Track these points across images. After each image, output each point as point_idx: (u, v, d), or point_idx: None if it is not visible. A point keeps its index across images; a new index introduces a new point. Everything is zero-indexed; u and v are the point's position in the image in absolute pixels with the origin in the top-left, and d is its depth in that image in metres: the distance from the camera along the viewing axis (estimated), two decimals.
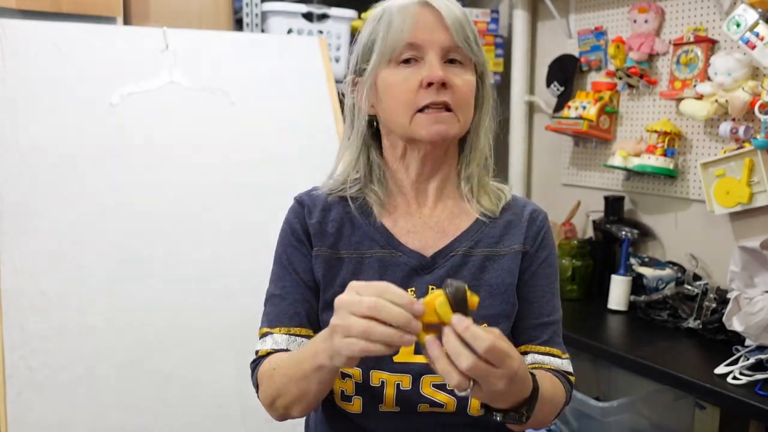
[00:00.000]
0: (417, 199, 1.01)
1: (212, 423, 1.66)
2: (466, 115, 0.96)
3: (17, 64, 1.72)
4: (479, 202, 1.01)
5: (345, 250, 0.98)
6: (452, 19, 0.92)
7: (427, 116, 0.92)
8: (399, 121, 0.94)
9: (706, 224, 2.11)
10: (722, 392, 1.53)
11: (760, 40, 1.77)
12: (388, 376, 0.93)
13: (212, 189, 1.82)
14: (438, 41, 0.92)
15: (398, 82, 0.93)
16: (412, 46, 0.93)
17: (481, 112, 1.00)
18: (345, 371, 0.94)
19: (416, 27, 0.92)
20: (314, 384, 0.84)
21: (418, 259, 0.97)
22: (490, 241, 1.00)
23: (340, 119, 2.04)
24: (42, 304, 1.58)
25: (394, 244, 0.98)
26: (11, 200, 1.62)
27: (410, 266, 0.97)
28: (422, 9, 0.93)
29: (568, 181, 2.58)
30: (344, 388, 0.96)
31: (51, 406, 1.52)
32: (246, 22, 2.33)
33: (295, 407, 0.89)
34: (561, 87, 2.49)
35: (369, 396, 0.95)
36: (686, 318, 1.92)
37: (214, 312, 1.72)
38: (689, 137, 2.13)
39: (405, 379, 0.93)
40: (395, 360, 0.93)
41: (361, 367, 0.93)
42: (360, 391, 0.95)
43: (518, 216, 1.03)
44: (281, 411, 0.91)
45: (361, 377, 0.94)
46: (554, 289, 1.04)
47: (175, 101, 1.86)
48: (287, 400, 0.89)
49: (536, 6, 2.64)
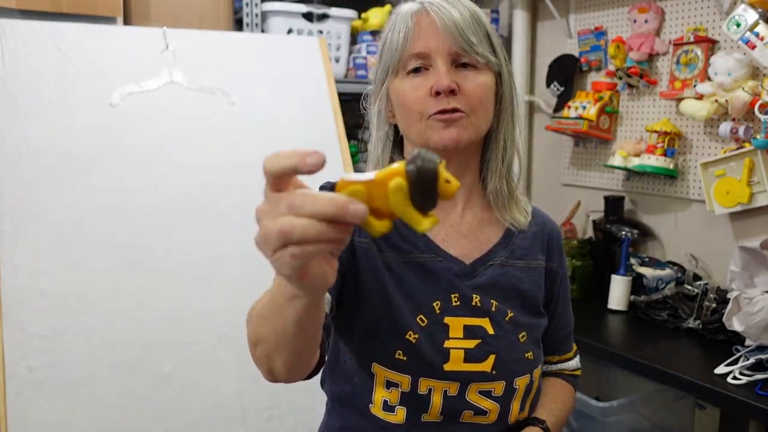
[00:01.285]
0: (442, 206, 0.98)
1: (212, 423, 1.66)
2: (481, 119, 0.93)
3: (17, 64, 1.72)
4: (509, 212, 1.01)
5: (387, 251, 0.96)
6: (451, 24, 0.90)
7: (439, 122, 0.91)
8: (413, 130, 0.94)
9: (706, 224, 2.11)
10: (722, 392, 1.53)
11: (760, 40, 1.77)
12: (436, 383, 0.92)
13: (212, 189, 1.82)
14: (442, 48, 0.90)
15: (407, 92, 0.92)
16: (417, 55, 0.91)
17: (500, 113, 0.97)
18: (392, 380, 0.91)
19: (418, 36, 0.91)
20: (291, 323, 0.68)
21: (459, 265, 0.96)
22: (522, 252, 1.01)
23: (340, 119, 2.04)
24: (42, 304, 1.58)
25: (434, 249, 0.96)
26: (11, 200, 1.62)
27: (452, 272, 0.95)
28: (420, 17, 0.92)
29: (568, 181, 2.58)
30: (388, 397, 0.93)
31: (51, 406, 1.52)
32: (246, 22, 2.33)
33: (276, 359, 0.76)
34: (561, 87, 2.49)
35: (414, 405, 0.93)
36: (686, 318, 1.92)
37: (214, 312, 1.72)
38: (689, 137, 2.13)
39: (453, 387, 0.92)
40: (446, 368, 0.92)
41: (410, 374, 0.91)
42: (405, 400, 0.93)
43: (540, 228, 1.05)
44: (264, 362, 0.79)
45: (409, 386, 0.92)
46: (569, 299, 1.10)
47: (175, 101, 1.86)
48: (265, 348, 0.77)
49: (536, 6, 2.64)
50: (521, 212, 1.02)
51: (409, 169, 0.50)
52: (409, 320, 0.92)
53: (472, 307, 0.94)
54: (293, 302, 0.65)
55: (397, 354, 0.91)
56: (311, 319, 0.69)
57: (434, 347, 0.92)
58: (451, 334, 0.93)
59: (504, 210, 1.00)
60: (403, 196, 0.50)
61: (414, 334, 0.92)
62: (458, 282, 0.95)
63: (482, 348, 0.93)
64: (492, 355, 0.93)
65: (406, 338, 0.91)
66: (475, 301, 0.95)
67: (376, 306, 0.93)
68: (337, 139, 2.01)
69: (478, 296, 0.95)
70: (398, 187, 0.50)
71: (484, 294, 0.95)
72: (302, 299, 0.64)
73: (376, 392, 0.93)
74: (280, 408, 1.69)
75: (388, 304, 0.93)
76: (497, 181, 0.98)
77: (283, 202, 0.53)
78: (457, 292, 0.95)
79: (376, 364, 0.92)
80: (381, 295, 0.93)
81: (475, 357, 0.93)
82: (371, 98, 1.01)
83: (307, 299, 0.64)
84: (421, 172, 0.50)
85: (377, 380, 0.93)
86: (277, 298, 0.69)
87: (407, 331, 0.91)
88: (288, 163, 0.52)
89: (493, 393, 0.93)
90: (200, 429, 1.65)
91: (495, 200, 1.00)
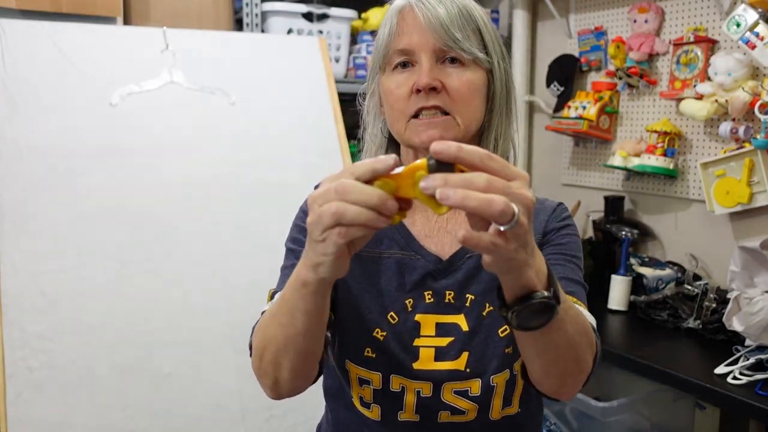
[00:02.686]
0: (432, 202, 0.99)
1: (212, 423, 1.66)
2: (467, 117, 0.90)
3: (17, 64, 1.72)
4: None
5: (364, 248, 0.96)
6: (435, 20, 0.88)
7: (420, 122, 0.89)
8: (396, 128, 0.93)
9: (706, 224, 2.11)
10: (722, 392, 1.53)
11: (760, 40, 1.77)
12: (408, 382, 0.91)
13: (212, 189, 1.82)
14: (426, 44, 0.89)
15: (392, 89, 0.91)
16: (402, 51, 0.90)
17: (491, 113, 0.95)
18: (363, 377, 0.92)
19: (402, 32, 0.90)
20: (300, 315, 0.74)
21: (435, 262, 0.95)
22: None
23: (340, 119, 2.04)
24: (42, 304, 1.58)
25: (414, 247, 0.95)
26: (11, 200, 1.62)
27: (427, 270, 0.94)
28: (406, 13, 0.90)
29: (568, 181, 2.58)
30: (362, 394, 0.93)
31: (51, 406, 1.52)
32: (246, 22, 2.33)
33: (284, 362, 0.80)
34: (561, 87, 2.49)
35: (388, 403, 0.93)
36: (686, 318, 1.92)
37: (214, 312, 1.72)
38: (689, 137, 2.13)
39: (426, 387, 0.91)
40: (415, 367, 0.91)
41: (381, 371, 0.91)
42: (379, 398, 0.93)
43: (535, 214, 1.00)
44: (271, 371, 0.82)
45: (380, 383, 0.92)
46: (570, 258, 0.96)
47: (175, 101, 1.86)
48: (273, 349, 0.80)
49: (536, 6, 2.64)
50: None
51: (430, 162, 0.61)
52: (377, 318, 0.92)
53: (445, 303, 0.93)
54: (306, 288, 0.71)
55: (366, 351, 0.91)
56: (318, 313, 0.75)
57: (403, 345, 0.91)
58: (422, 332, 0.92)
59: None
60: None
61: (382, 332, 0.91)
62: (431, 280, 0.94)
63: (454, 346, 0.91)
64: (465, 352, 0.91)
65: (374, 335, 0.92)
66: (449, 298, 0.93)
67: (347, 303, 0.93)
68: (337, 139, 2.02)
69: (452, 293, 0.93)
70: (422, 178, 0.60)
71: (460, 289, 0.93)
72: (316, 289, 0.71)
73: (352, 389, 0.94)
74: (280, 408, 1.69)
75: (357, 303, 0.93)
76: None
77: (333, 190, 0.62)
78: (431, 290, 0.93)
79: (348, 360, 0.93)
80: (351, 293, 0.93)
81: (446, 355, 0.91)
82: (366, 94, 1.01)
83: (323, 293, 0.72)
84: (441, 164, 0.61)
85: (351, 377, 0.94)
86: (286, 294, 0.75)
87: (374, 329, 0.92)
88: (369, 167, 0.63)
89: (469, 393, 0.92)
90: (200, 429, 1.65)
91: None
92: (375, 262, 0.95)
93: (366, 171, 0.63)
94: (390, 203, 0.62)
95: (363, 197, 0.62)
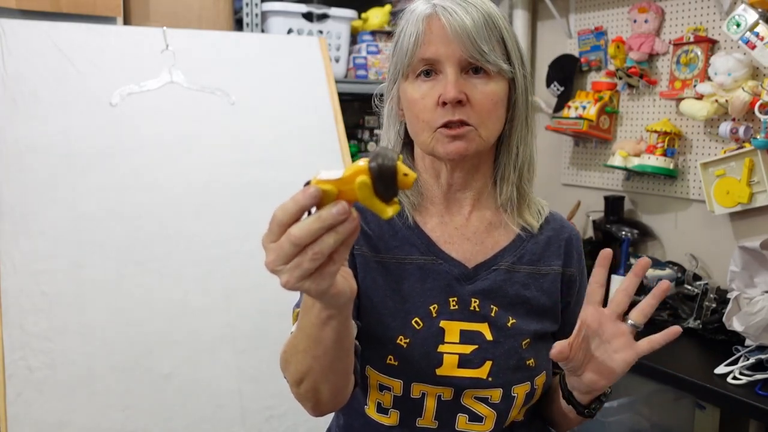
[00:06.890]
0: (449, 208, 0.98)
1: (212, 423, 1.66)
2: (488, 129, 0.91)
3: (17, 64, 1.72)
4: (520, 216, 0.99)
5: (385, 253, 0.95)
6: (462, 31, 0.87)
7: (445, 135, 0.89)
8: (421, 138, 0.93)
9: (706, 224, 2.11)
10: (722, 392, 1.52)
11: (760, 40, 1.77)
12: (429, 388, 0.91)
13: (212, 189, 1.82)
14: (452, 55, 0.88)
15: (416, 99, 0.91)
16: (427, 61, 0.89)
17: (513, 120, 0.95)
18: (384, 383, 0.91)
19: (428, 41, 0.89)
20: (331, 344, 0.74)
21: (459, 268, 0.95)
22: (531, 257, 0.98)
23: (341, 119, 2.04)
24: (42, 304, 1.58)
25: (435, 251, 0.95)
26: (11, 200, 1.62)
27: (452, 275, 0.94)
28: (432, 21, 0.89)
29: (568, 181, 2.58)
30: (381, 400, 0.93)
31: (51, 406, 1.52)
32: (246, 22, 2.33)
33: (321, 388, 0.81)
34: (561, 87, 2.49)
35: (407, 409, 0.92)
36: (686, 318, 1.91)
37: (214, 312, 1.72)
38: (689, 137, 2.13)
39: (447, 391, 0.91)
40: (438, 373, 0.91)
41: (402, 379, 0.91)
42: (398, 404, 0.93)
43: (557, 233, 1.02)
44: (311, 396, 0.83)
45: (401, 390, 0.91)
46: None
47: (175, 101, 1.86)
48: (311, 380, 0.80)
49: (536, 6, 2.64)
50: (533, 215, 1.00)
51: (371, 166, 0.58)
52: (401, 324, 0.92)
53: (470, 311, 0.93)
54: (329, 324, 0.72)
55: (388, 359, 0.91)
56: (347, 335, 0.76)
57: (427, 351, 0.91)
58: (446, 338, 0.92)
59: (513, 215, 0.98)
60: (368, 190, 0.59)
61: (405, 338, 0.91)
62: (457, 285, 0.94)
63: (478, 354, 0.92)
64: (488, 361, 0.92)
65: (397, 343, 0.91)
66: (474, 306, 0.93)
67: (370, 311, 0.93)
68: (337, 139, 2.02)
69: (477, 300, 0.93)
70: (363, 184, 0.58)
71: (485, 299, 0.94)
72: (336, 317, 0.71)
73: (370, 395, 0.94)
74: (280, 408, 1.69)
75: (380, 310, 0.93)
76: (507, 188, 0.97)
77: (271, 224, 0.61)
78: (456, 296, 0.93)
79: (369, 367, 0.92)
80: (374, 301, 0.93)
81: (470, 363, 0.91)
82: (384, 96, 1.00)
83: (339, 314, 0.71)
84: (382, 169, 0.58)
85: (370, 383, 0.93)
86: (308, 330, 0.74)
87: (398, 336, 0.91)
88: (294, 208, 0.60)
89: (490, 400, 0.92)
90: (200, 429, 1.65)
91: (504, 206, 0.98)
92: (397, 267, 0.95)
93: (295, 212, 0.60)
94: (339, 207, 0.58)
95: (315, 227, 0.58)
